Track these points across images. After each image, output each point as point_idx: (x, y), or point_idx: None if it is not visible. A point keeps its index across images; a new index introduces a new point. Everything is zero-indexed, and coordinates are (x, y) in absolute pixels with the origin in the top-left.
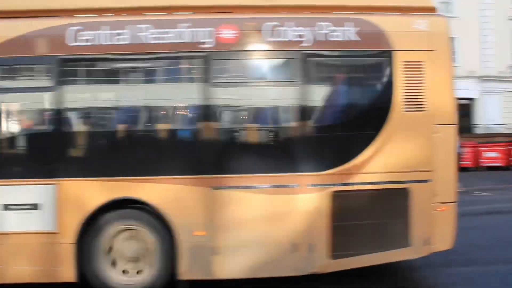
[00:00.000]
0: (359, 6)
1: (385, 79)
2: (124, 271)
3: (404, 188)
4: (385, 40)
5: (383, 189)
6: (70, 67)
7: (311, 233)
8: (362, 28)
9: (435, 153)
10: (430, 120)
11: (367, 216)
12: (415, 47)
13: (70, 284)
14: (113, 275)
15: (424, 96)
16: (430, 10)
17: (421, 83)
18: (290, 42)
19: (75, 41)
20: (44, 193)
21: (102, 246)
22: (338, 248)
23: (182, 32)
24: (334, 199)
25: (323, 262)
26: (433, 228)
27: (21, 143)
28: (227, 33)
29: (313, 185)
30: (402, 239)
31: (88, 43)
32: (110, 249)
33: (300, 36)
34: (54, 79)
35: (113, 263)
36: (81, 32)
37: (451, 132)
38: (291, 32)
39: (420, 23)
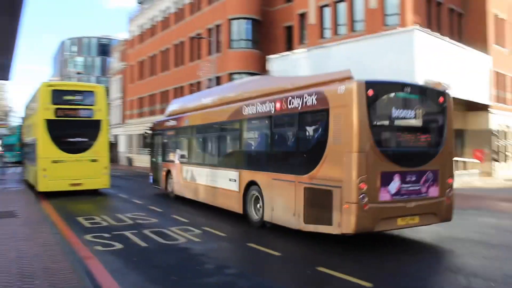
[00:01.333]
0: (316, 82)
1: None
2: (255, 209)
3: (330, 190)
4: (326, 101)
5: (322, 188)
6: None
7: (299, 207)
8: (318, 96)
9: (344, 170)
10: (343, 149)
11: (316, 202)
12: (338, 104)
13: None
14: (253, 210)
15: (340, 134)
16: (349, 78)
17: (339, 126)
18: (293, 108)
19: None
20: (236, 175)
21: (249, 198)
22: (306, 218)
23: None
24: (305, 191)
25: (302, 225)
26: (342, 217)
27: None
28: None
29: (299, 182)
30: (328, 220)
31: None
32: (252, 198)
33: (298, 103)
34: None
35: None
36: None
37: (352, 157)
38: (295, 102)
39: (341, 88)
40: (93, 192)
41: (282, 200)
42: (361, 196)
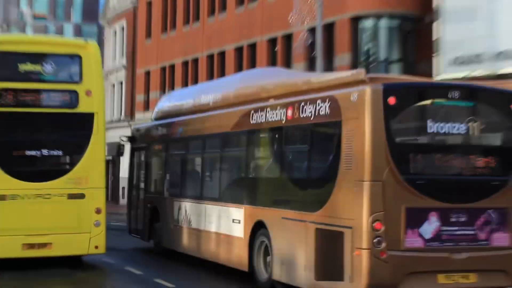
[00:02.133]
0: (330, 84)
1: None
2: (264, 264)
3: (341, 231)
4: (339, 111)
5: (333, 230)
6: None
7: (310, 257)
8: (331, 103)
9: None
10: (354, 177)
11: (328, 249)
12: (350, 116)
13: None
14: (261, 265)
15: (352, 156)
16: (363, 80)
17: (351, 145)
18: (306, 118)
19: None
20: (240, 213)
21: (257, 247)
22: (317, 273)
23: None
24: (317, 234)
25: (312, 282)
26: (353, 269)
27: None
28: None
29: (310, 222)
30: (339, 274)
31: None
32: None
33: (311, 111)
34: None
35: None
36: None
37: (363, 187)
38: (308, 109)
39: (354, 95)
40: (72, 263)
41: (293, 249)
42: (375, 240)
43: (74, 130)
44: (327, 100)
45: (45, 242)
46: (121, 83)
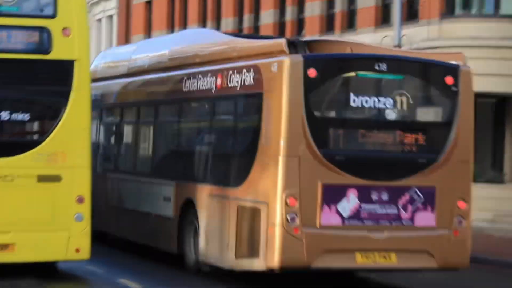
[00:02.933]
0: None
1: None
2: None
3: (258, 208)
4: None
5: (251, 206)
6: None
7: (232, 235)
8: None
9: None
10: (272, 151)
11: (247, 226)
12: (270, 88)
13: None
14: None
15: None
16: (282, 51)
17: (270, 119)
18: (232, 87)
19: None
20: (171, 190)
21: (187, 227)
22: (237, 251)
23: None
24: (238, 211)
25: (232, 261)
26: (267, 246)
27: None
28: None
29: (233, 198)
30: (256, 251)
31: None
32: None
33: (237, 81)
34: None
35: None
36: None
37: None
38: (235, 78)
39: (274, 65)
40: (43, 272)
41: (218, 228)
42: (289, 216)
43: (46, 84)
44: (251, 70)
45: (5, 243)
46: (111, 17)
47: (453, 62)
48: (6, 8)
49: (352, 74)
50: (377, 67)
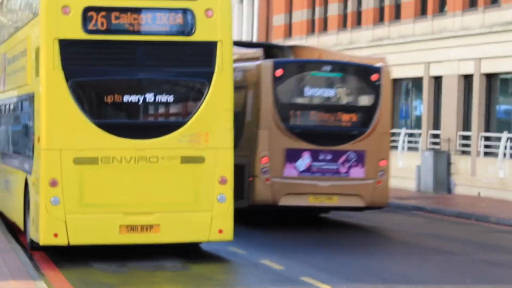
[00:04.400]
0: (239, 58)
1: None
2: None
3: (243, 164)
4: (246, 78)
5: (240, 163)
6: None
7: None
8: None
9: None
10: (254, 126)
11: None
12: (251, 82)
13: None
14: None
15: (252, 111)
16: (258, 57)
17: (251, 104)
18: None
19: None
20: None
21: None
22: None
23: None
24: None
25: None
26: (249, 190)
27: None
28: None
29: None
30: (241, 194)
31: None
32: None
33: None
34: None
35: None
36: None
37: (257, 133)
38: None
39: (253, 67)
40: (187, 253)
41: None
42: (263, 170)
43: (189, 66)
44: (241, 70)
45: (150, 224)
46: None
47: (378, 64)
48: None
49: (306, 73)
50: (323, 69)
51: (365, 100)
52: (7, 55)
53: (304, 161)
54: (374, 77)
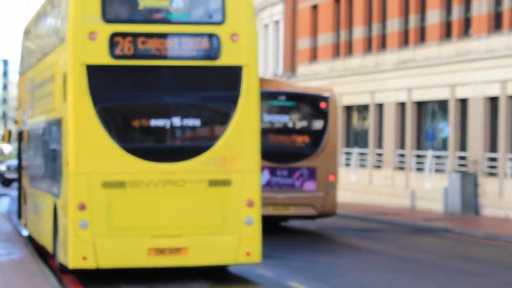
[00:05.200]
0: None
1: None
2: None
3: None
4: None
5: None
6: None
7: None
8: None
9: None
10: None
11: None
12: None
13: None
14: None
15: None
16: None
17: None
18: None
19: None
20: None
21: None
22: None
23: None
24: None
25: None
26: None
27: None
28: None
29: None
30: None
31: None
32: None
33: None
34: None
35: None
36: None
37: None
38: None
39: None
40: (214, 275)
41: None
42: None
43: (215, 90)
44: None
45: (178, 247)
46: (277, 23)
47: (326, 94)
48: (177, 16)
49: (266, 102)
50: (280, 98)
51: (315, 125)
52: (35, 80)
53: (264, 177)
54: (322, 104)
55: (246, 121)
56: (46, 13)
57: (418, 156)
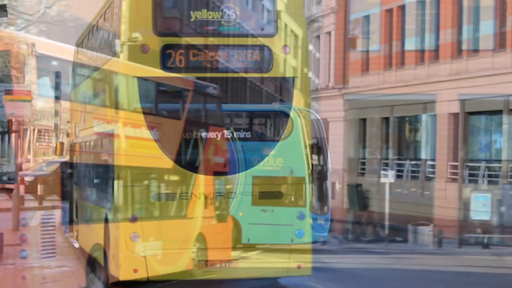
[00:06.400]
0: None
1: None
2: None
3: None
4: None
5: None
6: None
7: None
8: None
9: None
10: None
11: None
12: None
13: None
14: None
15: None
16: None
17: None
18: None
19: None
20: None
21: None
22: None
23: None
24: None
25: None
26: None
27: None
28: None
29: None
30: None
31: None
32: None
33: None
34: None
35: None
36: None
37: None
38: None
39: None
40: (263, 284)
41: None
42: None
43: (267, 101)
44: None
45: (228, 259)
46: (329, 34)
47: None
48: (228, 28)
49: None
50: None
51: None
52: (87, 93)
53: None
54: None
55: (298, 133)
56: (98, 26)
57: (471, 168)
